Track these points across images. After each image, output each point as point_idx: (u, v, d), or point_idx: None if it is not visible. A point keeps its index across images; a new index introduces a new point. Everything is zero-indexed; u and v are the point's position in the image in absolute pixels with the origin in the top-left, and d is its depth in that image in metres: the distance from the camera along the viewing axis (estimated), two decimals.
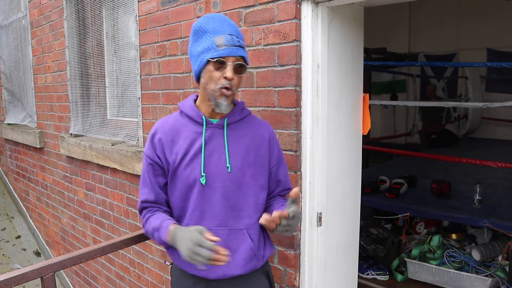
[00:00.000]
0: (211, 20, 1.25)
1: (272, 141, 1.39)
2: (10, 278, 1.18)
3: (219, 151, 1.30)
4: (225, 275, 1.31)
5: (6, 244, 4.29)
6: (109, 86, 2.95)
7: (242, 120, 1.36)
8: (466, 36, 7.49)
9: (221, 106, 1.25)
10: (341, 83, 1.74)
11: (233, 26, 1.26)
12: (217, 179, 1.29)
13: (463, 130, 7.30)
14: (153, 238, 1.33)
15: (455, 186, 3.64)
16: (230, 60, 1.22)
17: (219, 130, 1.32)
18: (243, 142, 1.33)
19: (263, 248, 1.39)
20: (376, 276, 3.28)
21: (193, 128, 1.32)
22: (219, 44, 1.21)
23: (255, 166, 1.34)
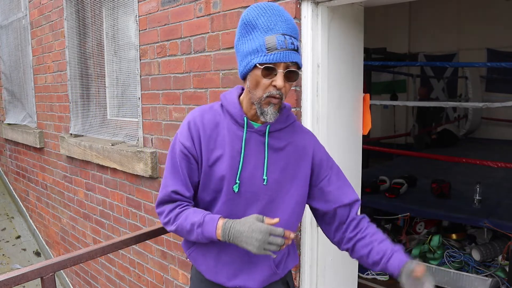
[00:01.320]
0: (264, 13, 1.08)
1: (317, 153, 1.25)
2: (10, 278, 1.18)
3: (257, 159, 1.19)
4: (241, 287, 1.25)
5: (6, 244, 4.29)
6: (109, 86, 2.95)
7: (286, 128, 1.24)
8: (466, 36, 7.50)
9: (266, 115, 1.13)
10: (341, 83, 1.74)
11: (288, 22, 1.09)
12: (250, 189, 1.19)
13: (463, 130, 7.31)
14: (190, 235, 1.18)
15: (455, 186, 3.64)
16: (281, 66, 1.07)
17: (259, 137, 1.19)
18: (284, 154, 1.21)
19: (284, 262, 1.30)
20: (376, 276, 3.28)
21: (233, 128, 1.19)
22: (269, 47, 1.05)
23: (293, 181, 1.22)
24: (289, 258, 1.33)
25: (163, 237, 2.34)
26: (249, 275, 1.23)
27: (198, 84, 2.02)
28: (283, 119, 1.22)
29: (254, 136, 1.19)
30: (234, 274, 1.24)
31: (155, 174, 2.33)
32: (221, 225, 1.12)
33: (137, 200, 2.55)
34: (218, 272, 1.25)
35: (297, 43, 1.10)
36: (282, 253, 1.27)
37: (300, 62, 1.12)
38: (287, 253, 1.32)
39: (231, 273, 1.24)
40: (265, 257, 1.22)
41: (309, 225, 1.65)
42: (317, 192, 1.27)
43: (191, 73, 2.06)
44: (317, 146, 1.27)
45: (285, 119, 1.23)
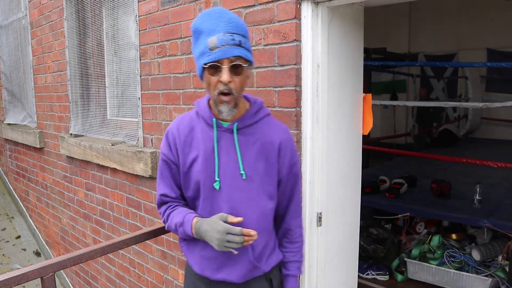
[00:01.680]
0: (206, 18, 1.17)
1: (283, 150, 1.30)
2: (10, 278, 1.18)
3: (231, 156, 1.26)
4: (224, 280, 1.32)
5: (6, 244, 4.29)
6: (109, 86, 2.95)
7: (255, 124, 1.30)
8: (466, 36, 7.49)
9: (222, 113, 1.21)
10: (341, 83, 1.74)
11: (230, 21, 1.16)
12: (229, 185, 1.26)
13: (463, 130, 7.31)
14: (177, 233, 1.33)
15: (455, 186, 3.64)
16: (225, 62, 1.14)
17: (229, 135, 1.27)
18: (254, 149, 1.27)
19: (267, 258, 1.35)
20: (376, 276, 3.28)
21: (206, 130, 1.29)
22: (212, 47, 1.13)
23: (265, 175, 1.28)
24: (273, 254, 1.38)
25: (163, 237, 2.34)
26: (231, 269, 1.31)
27: (198, 84, 2.03)
28: (250, 115, 1.29)
29: (224, 134, 1.27)
30: (217, 268, 1.32)
31: (155, 174, 2.33)
32: (194, 224, 1.24)
33: (137, 200, 2.55)
34: (203, 266, 1.34)
35: (241, 39, 1.16)
36: (261, 247, 1.33)
37: (247, 55, 1.18)
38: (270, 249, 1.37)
39: (215, 267, 1.32)
40: (244, 251, 1.29)
41: (308, 226, 1.65)
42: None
43: (191, 73, 2.06)
44: (285, 145, 1.31)
45: (254, 115, 1.30)
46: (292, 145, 1.35)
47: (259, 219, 1.30)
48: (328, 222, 1.72)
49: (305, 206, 1.64)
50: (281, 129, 1.33)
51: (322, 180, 1.66)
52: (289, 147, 1.33)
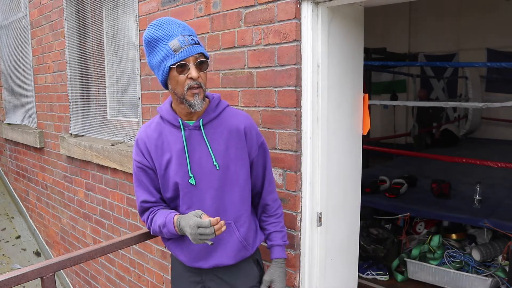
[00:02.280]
0: (159, 27, 1.25)
1: (249, 133, 1.39)
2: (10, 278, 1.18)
3: (202, 151, 1.34)
4: (217, 265, 1.39)
5: (6, 244, 4.29)
6: (109, 86, 2.95)
7: (218, 116, 1.38)
8: (466, 36, 7.50)
9: (195, 106, 1.28)
10: (341, 83, 1.74)
11: (182, 25, 1.27)
12: (205, 178, 1.34)
13: (463, 130, 7.31)
14: (163, 235, 1.39)
15: (455, 186, 3.64)
16: (191, 60, 1.24)
17: (197, 131, 1.35)
18: (222, 139, 1.35)
19: (252, 238, 1.45)
20: (376, 276, 3.29)
21: (174, 132, 1.36)
22: (175, 49, 1.22)
23: (237, 160, 1.36)
24: (256, 236, 1.47)
25: None
26: (222, 253, 1.39)
27: None
28: (212, 109, 1.37)
29: (192, 132, 1.35)
30: (208, 256, 1.39)
31: None
32: (175, 222, 1.30)
33: None
34: (194, 258, 1.40)
35: (197, 39, 1.28)
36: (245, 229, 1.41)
37: (205, 52, 1.28)
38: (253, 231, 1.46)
39: (206, 256, 1.39)
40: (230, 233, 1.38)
41: (308, 225, 1.65)
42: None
43: None
44: (249, 128, 1.40)
45: (215, 108, 1.38)
46: (256, 128, 1.44)
47: (239, 204, 1.39)
48: (328, 222, 1.72)
49: (305, 206, 1.64)
50: (242, 116, 1.42)
51: (322, 180, 1.66)
52: (253, 130, 1.41)
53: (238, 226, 1.40)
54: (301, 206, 1.64)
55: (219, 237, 1.33)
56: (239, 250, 1.40)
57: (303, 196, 1.64)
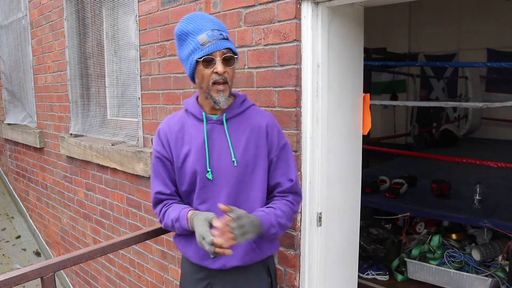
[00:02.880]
0: (190, 21, 1.27)
1: (270, 132, 1.36)
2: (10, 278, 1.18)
3: (222, 146, 1.32)
4: (225, 266, 1.35)
5: (6, 244, 4.29)
6: (109, 86, 2.95)
7: (243, 113, 1.36)
8: (466, 36, 7.50)
9: (219, 102, 1.28)
10: (341, 83, 1.74)
11: (213, 20, 1.27)
12: (222, 174, 1.32)
13: (463, 130, 7.31)
14: (174, 230, 1.37)
15: (455, 186, 3.64)
16: (218, 54, 1.23)
17: (219, 126, 1.34)
18: (243, 136, 1.33)
19: (265, 243, 1.38)
20: (376, 276, 3.28)
21: (196, 125, 1.36)
22: (203, 43, 1.23)
23: (256, 159, 1.34)
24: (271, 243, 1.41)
25: (163, 237, 2.34)
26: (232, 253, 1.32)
27: None
28: (237, 105, 1.36)
29: (215, 126, 1.34)
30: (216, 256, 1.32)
31: None
32: (189, 217, 1.29)
33: (137, 200, 2.55)
34: (202, 256, 1.36)
35: (226, 34, 1.28)
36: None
37: (234, 48, 1.27)
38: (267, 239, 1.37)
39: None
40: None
41: (308, 225, 1.65)
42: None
43: None
44: (271, 127, 1.37)
45: (240, 105, 1.37)
46: (279, 128, 1.40)
47: (253, 203, 1.34)
48: (328, 222, 1.72)
49: (305, 206, 1.64)
50: (266, 115, 1.40)
51: (322, 180, 1.66)
52: (275, 129, 1.38)
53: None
54: (301, 206, 1.64)
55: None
56: (247, 251, 1.35)
57: (303, 196, 1.64)
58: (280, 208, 1.32)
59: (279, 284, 1.73)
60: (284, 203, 1.35)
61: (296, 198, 1.40)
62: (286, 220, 1.33)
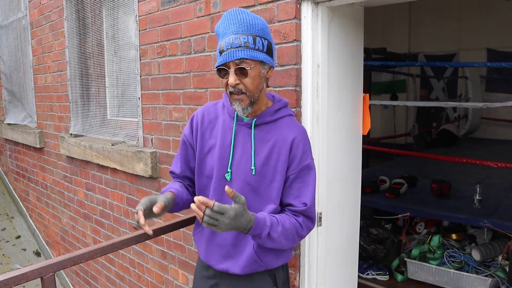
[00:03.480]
0: (222, 21, 1.22)
1: (295, 147, 1.27)
2: (10, 278, 1.18)
3: (245, 151, 1.29)
4: (227, 271, 1.34)
5: (6, 244, 4.29)
6: (109, 86, 2.95)
7: (274, 122, 1.31)
8: (466, 36, 7.50)
9: (238, 111, 1.25)
10: (341, 83, 1.74)
11: (240, 22, 1.18)
12: (239, 178, 1.29)
13: (463, 130, 7.31)
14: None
15: (455, 186, 3.64)
16: (231, 65, 1.18)
17: (247, 129, 1.31)
18: (268, 146, 1.28)
19: (273, 256, 1.33)
20: (376, 276, 3.28)
21: (227, 121, 1.34)
22: (221, 50, 1.19)
23: (274, 171, 1.28)
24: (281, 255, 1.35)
25: (163, 237, 2.34)
26: (235, 259, 1.32)
27: (198, 84, 2.03)
28: (270, 113, 1.31)
29: (243, 129, 1.31)
30: (222, 258, 1.34)
31: (155, 174, 2.33)
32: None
33: (137, 200, 2.54)
34: (209, 254, 1.37)
35: (248, 39, 1.17)
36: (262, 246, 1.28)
37: (253, 55, 1.17)
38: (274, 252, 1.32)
39: (221, 256, 1.35)
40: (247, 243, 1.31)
41: None
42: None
43: (191, 73, 2.06)
44: (297, 143, 1.28)
45: (273, 113, 1.31)
46: (306, 146, 1.30)
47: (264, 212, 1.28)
48: (328, 222, 1.72)
49: None
50: (297, 128, 1.32)
51: (322, 180, 1.66)
52: (301, 146, 1.28)
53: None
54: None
55: (237, 244, 1.31)
56: (250, 263, 1.31)
57: None
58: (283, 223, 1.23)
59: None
60: (291, 221, 1.26)
61: (307, 223, 1.30)
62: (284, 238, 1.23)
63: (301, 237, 1.32)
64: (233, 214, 1.10)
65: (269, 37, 1.25)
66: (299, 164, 1.28)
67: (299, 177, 1.29)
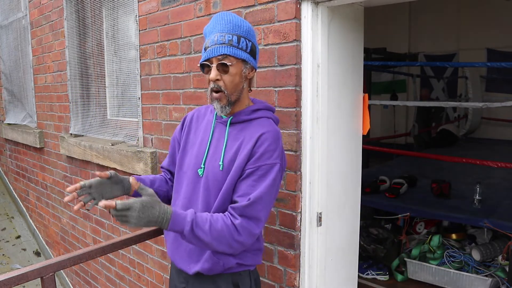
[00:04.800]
0: (210, 22, 1.29)
1: (259, 143, 1.22)
2: (10, 278, 1.18)
3: (218, 147, 1.33)
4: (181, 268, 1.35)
5: (6, 244, 4.29)
6: (109, 86, 2.95)
7: (249, 121, 1.31)
8: (466, 36, 7.49)
9: (217, 110, 1.29)
10: (341, 83, 1.74)
11: (228, 22, 1.24)
12: (209, 174, 1.31)
13: (463, 130, 7.30)
14: None
15: (455, 186, 3.64)
16: (214, 61, 1.22)
17: (223, 127, 1.34)
18: (237, 143, 1.28)
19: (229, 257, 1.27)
20: (376, 276, 3.28)
21: (210, 120, 1.39)
22: (205, 47, 1.24)
23: (238, 169, 1.24)
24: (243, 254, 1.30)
25: (163, 237, 2.33)
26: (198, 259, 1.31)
27: (198, 84, 2.03)
28: (247, 112, 1.32)
29: (220, 126, 1.35)
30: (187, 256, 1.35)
31: (155, 174, 2.33)
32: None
33: None
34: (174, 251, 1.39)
35: (232, 38, 1.22)
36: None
37: (237, 53, 1.22)
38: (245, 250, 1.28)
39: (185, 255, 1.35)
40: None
41: (308, 225, 1.65)
42: None
43: (191, 73, 2.06)
44: (263, 139, 1.23)
45: (250, 113, 1.33)
46: (272, 145, 1.23)
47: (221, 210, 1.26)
48: (328, 222, 1.72)
49: (305, 206, 1.64)
50: (270, 128, 1.27)
51: (322, 180, 1.66)
52: (266, 143, 1.22)
53: None
54: (301, 206, 1.64)
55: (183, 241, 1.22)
56: (207, 259, 1.26)
57: (303, 196, 1.64)
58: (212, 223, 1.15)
59: (279, 284, 1.73)
60: (226, 223, 1.17)
61: (247, 227, 1.17)
62: (213, 239, 1.15)
63: (241, 244, 1.19)
64: (139, 206, 1.07)
65: (253, 40, 1.30)
66: (258, 160, 1.21)
67: (254, 175, 1.21)
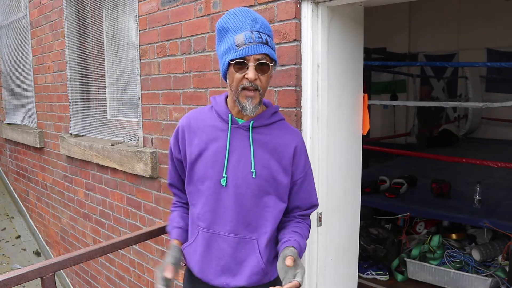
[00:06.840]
0: (233, 17, 1.18)
1: (298, 155, 1.28)
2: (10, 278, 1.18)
3: (243, 154, 1.24)
4: (228, 285, 1.26)
5: (6, 244, 4.29)
6: (109, 86, 2.95)
7: (271, 125, 1.29)
8: (466, 36, 7.49)
9: (246, 109, 1.19)
10: (341, 83, 1.74)
11: (256, 20, 1.18)
12: (237, 183, 1.23)
13: (463, 130, 7.30)
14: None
15: (455, 186, 3.64)
16: (251, 59, 1.14)
17: (243, 132, 1.25)
18: (267, 149, 1.25)
19: (272, 264, 1.29)
20: (376, 276, 3.28)
21: (219, 125, 1.28)
22: (238, 44, 1.13)
23: (277, 175, 1.25)
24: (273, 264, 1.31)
25: (163, 237, 2.34)
26: (236, 271, 1.26)
27: (198, 84, 2.03)
28: (267, 116, 1.28)
29: (239, 131, 1.26)
30: (221, 271, 1.27)
31: (155, 174, 2.33)
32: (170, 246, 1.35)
33: (137, 200, 2.55)
34: (205, 268, 1.29)
35: (266, 37, 1.17)
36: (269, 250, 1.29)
37: (272, 54, 1.17)
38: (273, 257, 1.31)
39: (219, 270, 1.27)
40: (252, 252, 1.26)
41: None
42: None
43: (191, 73, 2.06)
44: (300, 149, 1.30)
45: (270, 116, 1.29)
46: (306, 150, 1.34)
47: (267, 221, 1.26)
48: (328, 222, 1.72)
49: None
50: (295, 134, 1.32)
51: (322, 180, 1.66)
52: (303, 152, 1.32)
53: (261, 246, 1.25)
54: None
55: (237, 254, 1.25)
56: (256, 272, 1.25)
57: None
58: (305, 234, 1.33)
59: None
60: (306, 227, 1.36)
61: (310, 223, 1.40)
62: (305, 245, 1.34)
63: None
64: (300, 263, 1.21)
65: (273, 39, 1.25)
66: (304, 168, 1.31)
67: (306, 180, 1.32)
